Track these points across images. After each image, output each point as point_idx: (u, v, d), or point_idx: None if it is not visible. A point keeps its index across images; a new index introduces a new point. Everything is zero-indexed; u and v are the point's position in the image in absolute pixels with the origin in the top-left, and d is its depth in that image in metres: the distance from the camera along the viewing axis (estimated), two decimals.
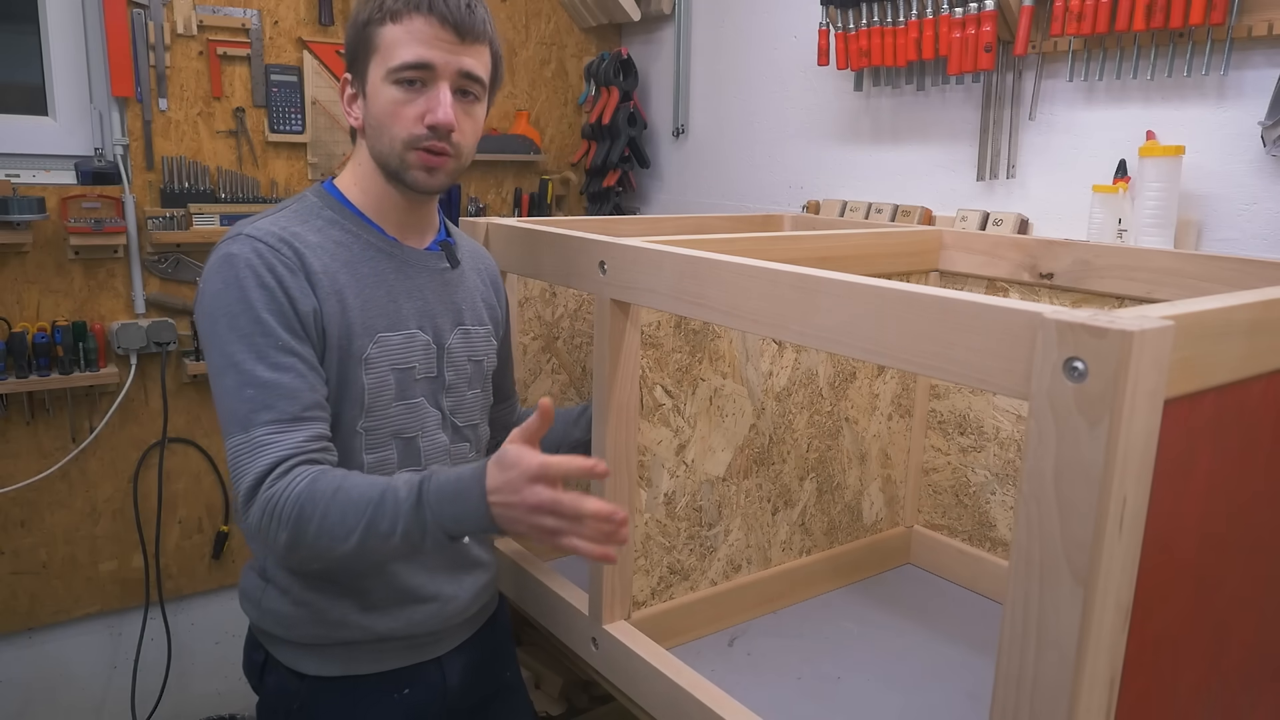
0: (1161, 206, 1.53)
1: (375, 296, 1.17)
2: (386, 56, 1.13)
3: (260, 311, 1.07)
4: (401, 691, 1.25)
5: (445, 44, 1.14)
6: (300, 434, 1.06)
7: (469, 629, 1.33)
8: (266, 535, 1.04)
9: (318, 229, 1.16)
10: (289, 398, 1.07)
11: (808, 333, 0.95)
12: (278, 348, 1.07)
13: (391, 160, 1.17)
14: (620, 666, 1.31)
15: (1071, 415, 0.69)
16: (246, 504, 1.04)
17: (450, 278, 1.28)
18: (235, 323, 1.07)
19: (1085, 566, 0.70)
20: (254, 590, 1.23)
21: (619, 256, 1.21)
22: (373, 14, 1.14)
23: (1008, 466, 1.56)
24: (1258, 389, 0.83)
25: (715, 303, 1.07)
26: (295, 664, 1.22)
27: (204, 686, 2.51)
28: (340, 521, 1.01)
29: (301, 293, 1.11)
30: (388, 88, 1.14)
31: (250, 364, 1.06)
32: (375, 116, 1.16)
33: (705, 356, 1.38)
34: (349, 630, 1.19)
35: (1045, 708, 0.74)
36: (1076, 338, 0.69)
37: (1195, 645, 0.87)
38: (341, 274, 1.15)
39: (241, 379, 1.06)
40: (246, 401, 1.06)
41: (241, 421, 1.06)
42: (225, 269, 1.10)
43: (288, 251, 1.11)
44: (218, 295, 1.09)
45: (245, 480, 1.04)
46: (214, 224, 2.25)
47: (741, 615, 1.50)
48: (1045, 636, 0.73)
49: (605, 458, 1.28)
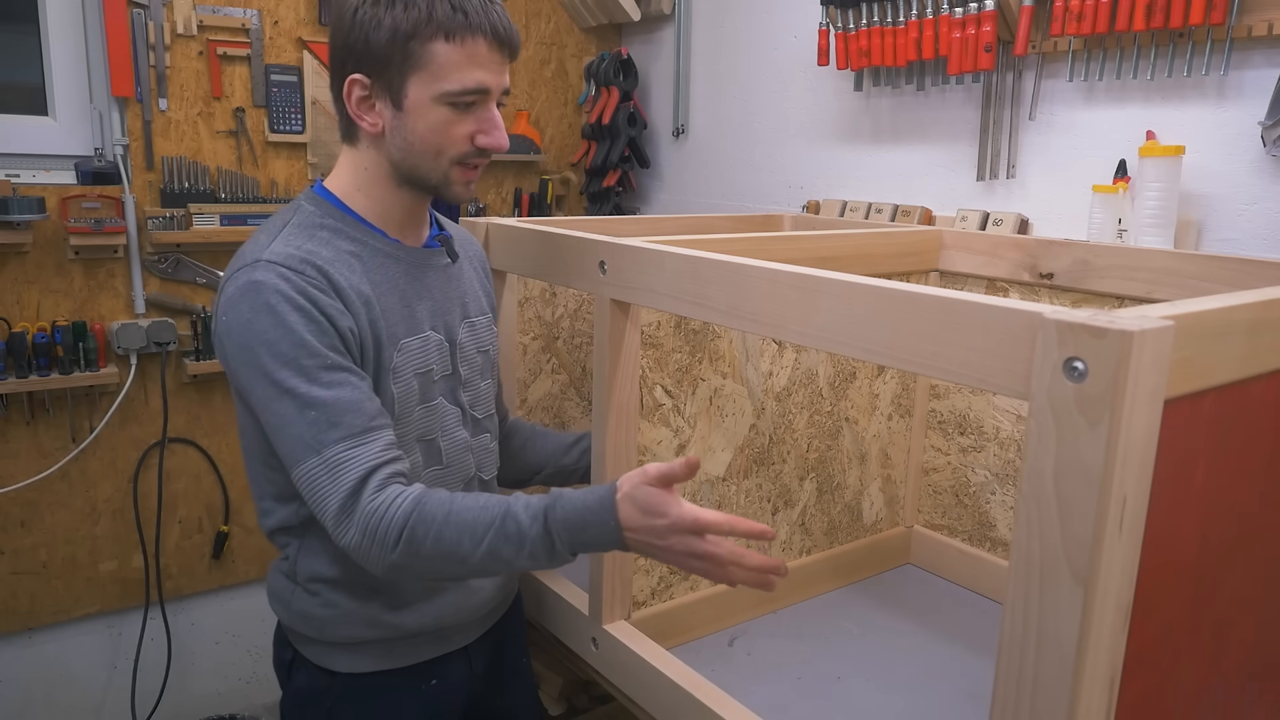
0: (1161, 206, 1.53)
1: (392, 304, 1.16)
2: (440, 77, 1.09)
3: (301, 333, 1.05)
4: (429, 682, 1.26)
5: (497, 65, 1.12)
6: (375, 444, 1.05)
7: (494, 617, 1.35)
8: (369, 557, 1.03)
9: (326, 241, 1.13)
10: (354, 411, 1.05)
11: (808, 333, 0.95)
12: (326, 367, 1.05)
13: (433, 176, 1.15)
14: (620, 666, 1.31)
15: (1071, 415, 0.69)
16: (340, 525, 1.03)
17: (452, 272, 1.27)
18: (276, 349, 1.04)
19: (1085, 566, 0.70)
20: (283, 591, 1.23)
21: (619, 256, 1.21)
22: (419, 27, 1.07)
23: (1008, 466, 1.56)
24: (1258, 389, 0.83)
25: (715, 303, 1.07)
26: (326, 662, 1.23)
27: (204, 686, 2.51)
28: (456, 545, 1.02)
29: (338, 312, 1.08)
30: (439, 108, 1.10)
31: (304, 387, 1.04)
32: (419, 134, 1.12)
33: (705, 356, 1.38)
34: (379, 628, 1.20)
35: (1045, 707, 0.74)
36: (1076, 338, 0.69)
37: (1195, 645, 0.87)
38: (363, 285, 1.13)
39: (300, 403, 1.04)
40: (311, 424, 1.03)
41: (311, 445, 1.03)
42: (252, 296, 1.06)
43: (312, 273, 1.08)
44: (249, 325, 1.05)
45: (332, 502, 1.03)
46: (214, 224, 2.25)
47: (741, 615, 1.50)
48: (1045, 636, 0.73)
49: (605, 458, 1.28)
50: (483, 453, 1.31)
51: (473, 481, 1.28)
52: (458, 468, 1.26)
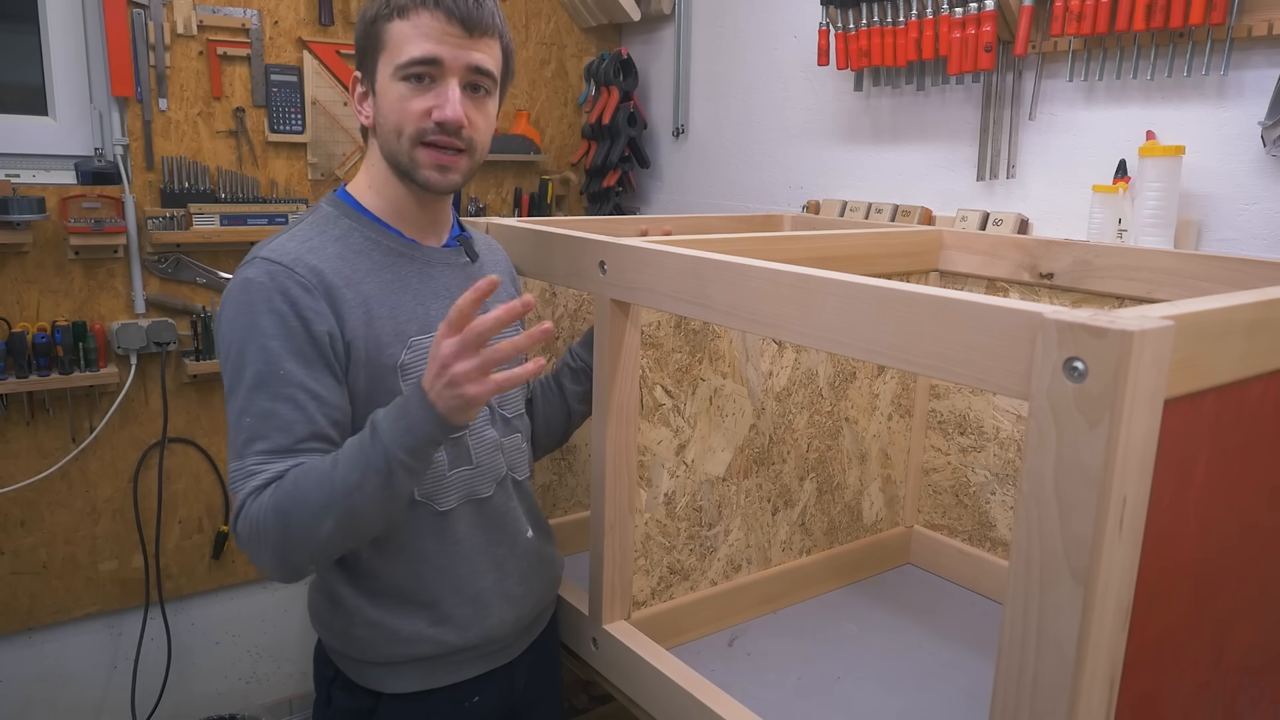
0: (1161, 206, 1.53)
1: (403, 301, 1.16)
2: (394, 53, 1.12)
3: (267, 339, 1.06)
4: (473, 699, 1.25)
5: (453, 39, 1.12)
6: (287, 463, 1.06)
7: (534, 631, 1.34)
8: (257, 550, 1.05)
9: (336, 238, 1.15)
10: (283, 430, 1.06)
11: (808, 333, 0.95)
12: (279, 377, 1.06)
13: (401, 158, 1.15)
14: (620, 666, 1.31)
15: (1071, 415, 0.69)
16: (238, 531, 1.07)
17: (472, 272, 1.27)
18: (244, 349, 1.07)
19: (1085, 567, 0.70)
20: (323, 613, 1.22)
21: (619, 256, 1.21)
22: (380, 10, 1.12)
23: (1008, 466, 1.56)
24: (1258, 389, 0.83)
25: (715, 303, 1.07)
26: (371, 683, 1.21)
27: (204, 686, 2.51)
28: (315, 495, 1.00)
29: (316, 314, 1.08)
30: (396, 84, 1.12)
31: (250, 392, 1.06)
32: (383, 113, 1.14)
33: (705, 356, 1.38)
34: (424, 645, 1.19)
35: (1045, 708, 0.74)
36: (1076, 338, 0.69)
37: (1195, 645, 0.87)
38: (367, 283, 1.14)
39: (242, 407, 1.07)
40: (244, 430, 1.07)
41: (238, 449, 1.07)
42: (240, 294, 1.09)
43: (304, 270, 1.09)
44: (232, 322, 1.09)
45: (235, 509, 1.07)
46: (214, 224, 2.25)
47: (741, 615, 1.51)
48: (1045, 637, 0.73)
49: (605, 458, 1.28)
50: (514, 452, 1.29)
51: (505, 481, 1.27)
52: (488, 467, 1.24)
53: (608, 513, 1.30)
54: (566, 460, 1.74)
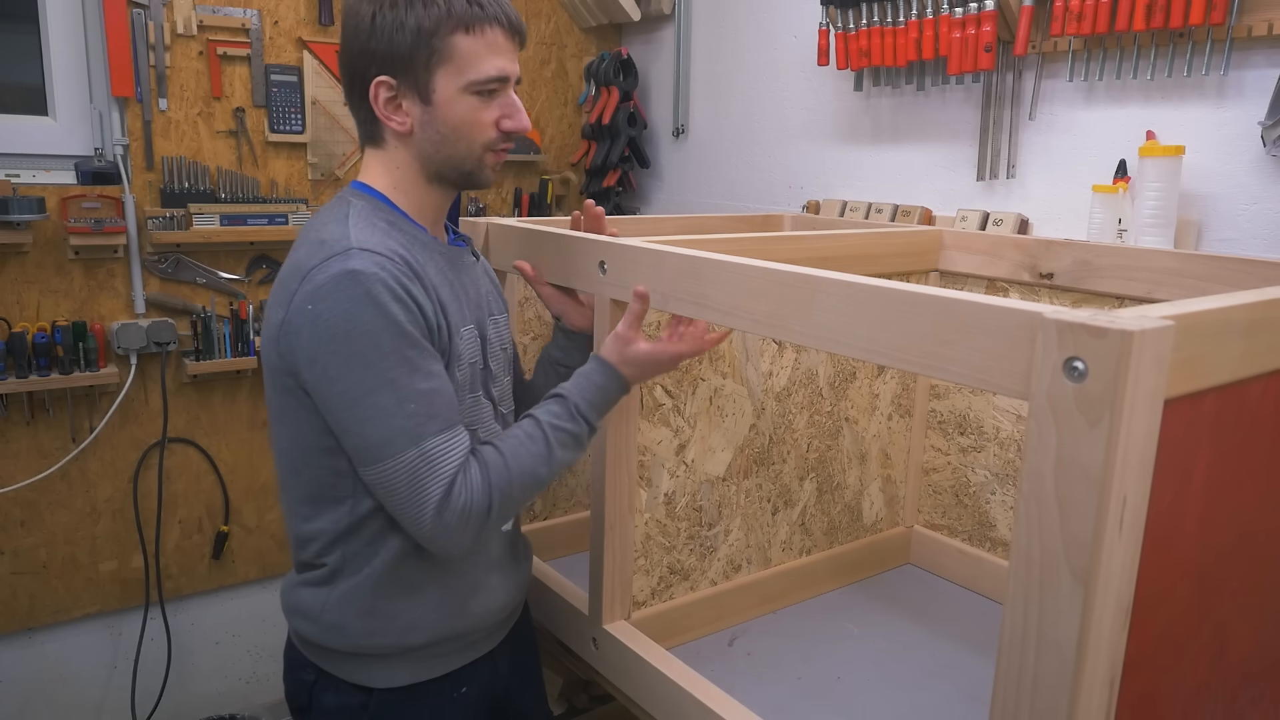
0: (1161, 206, 1.53)
1: (445, 294, 1.19)
2: (465, 68, 1.13)
3: (405, 325, 1.07)
4: (460, 690, 1.26)
5: (511, 53, 1.17)
6: (465, 437, 1.10)
7: (512, 620, 1.35)
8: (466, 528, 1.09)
9: (386, 233, 1.15)
10: (448, 405, 1.10)
11: (808, 333, 0.95)
12: (425, 357, 1.09)
13: (467, 163, 1.19)
14: (620, 666, 1.31)
15: (1071, 415, 0.69)
16: (440, 516, 1.07)
17: (476, 270, 1.30)
18: (378, 340, 1.05)
19: (1085, 566, 0.70)
20: (311, 605, 1.20)
21: (619, 256, 1.21)
22: (441, 23, 1.11)
23: (1008, 466, 1.56)
24: (1257, 389, 0.83)
25: (716, 303, 1.07)
26: (359, 678, 1.21)
27: (204, 686, 2.51)
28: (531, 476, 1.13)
29: (425, 301, 1.11)
30: (466, 97, 1.14)
31: (406, 378, 1.06)
32: (451, 125, 1.16)
33: (705, 356, 1.38)
34: (417, 635, 1.19)
35: (1045, 708, 0.74)
36: (1076, 337, 0.69)
37: (1195, 646, 0.87)
38: (428, 273, 1.16)
39: (400, 395, 1.06)
40: (410, 416, 1.06)
41: (410, 435, 1.06)
42: (350, 286, 1.05)
43: (400, 262, 1.10)
44: (349, 315, 1.05)
45: (433, 496, 1.06)
46: (214, 224, 2.25)
47: (741, 615, 1.51)
48: (1045, 636, 0.73)
49: (605, 458, 1.28)
50: None
51: None
52: None
53: (608, 513, 1.30)
54: None
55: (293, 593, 1.23)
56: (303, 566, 1.22)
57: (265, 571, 2.54)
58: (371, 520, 1.15)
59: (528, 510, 1.72)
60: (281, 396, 1.15)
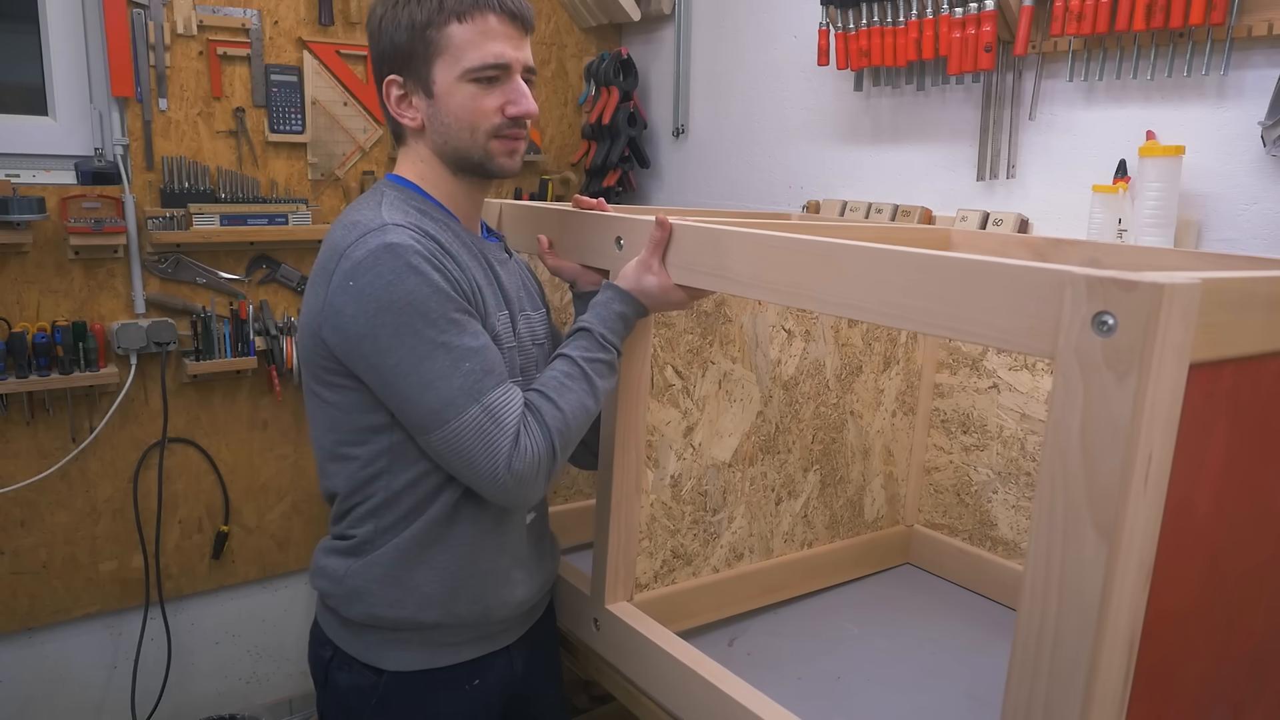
0: (1161, 206, 1.53)
1: (480, 279, 1.20)
2: (459, 57, 1.14)
3: (448, 290, 1.10)
4: (473, 682, 1.26)
5: (514, 39, 1.17)
6: (518, 390, 1.14)
7: (533, 617, 1.35)
8: (537, 480, 1.12)
9: (416, 218, 1.17)
10: (499, 360, 1.13)
11: (830, 299, 0.95)
12: (470, 319, 1.12)
13: (474, 153, 1.19)
14: (622, 647, 1.31)
15: (1099, 370, 0.69)
16: (511, 468, 1.09)
17: (510, 266, 1.31)
18: (425, 306, 1.08)
19: (1110, 520, 0.70)
20: (337, 569, 1.22)
21: (636, 231, 1.22)
22: (433, 15, 1.14)
23: (1010, 465, 1.56)
24: (1274, 366, 0.83)
25: (735, 274, 1.07)
26: (372, 658, 1.22)
27: (204, 686, 2.51)
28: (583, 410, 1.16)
29: (460, 275, 1.14)
30: (464, 85, 1.15)
31: (458, 339, 1.09)
32: (453, 114, 1.17)
33: (716, 339, 1.38)
34: (431, 612, 1.20)
35: (1066, 666, 0.74)
36: (1107, 292, 0.69)
37: (1206, 625, 0.87)
38: (461, 255, 1.17)
39: (455, 356, 1.08)
40: (467, 375, 1.08)
41: (470, 393, 1.08)
42: (391, 258, 1.08)
43: (431, 240, 1.13)
44: (393, 285, 1.07)
45: (503, 448, 1.09)
46: (214, 224, 2.25)
47: (742, 605, 1.50)
48: (1068, 590, 0.73)
49: (614, 436, 1.29)
50: None
51: None
52: None
53: (615, 491, 1.30)
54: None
55: (322, 555, 1.26)
56: (336, 535, 1.25)
57: (265, 571, 2.53)
58: (406, 496, 1.17)
59: None
60: (319, 384, 1.17)
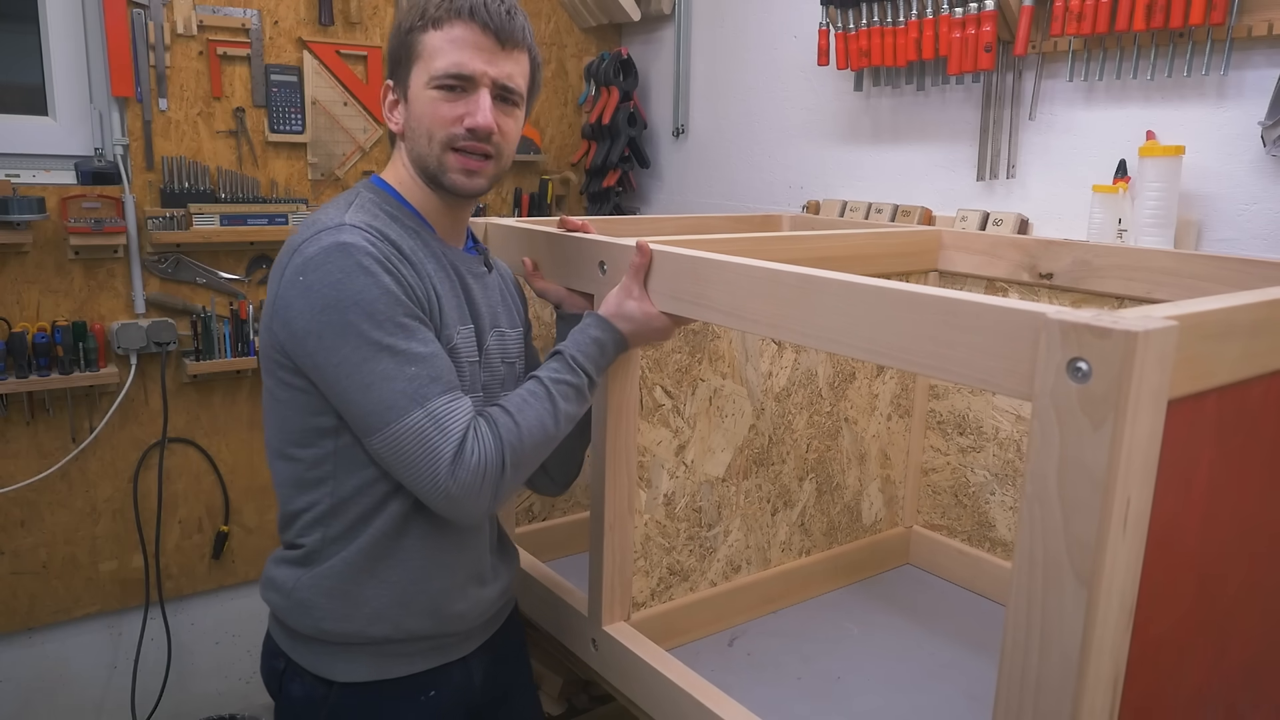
0: (1161, 206, 1.53)
1: (443, 291, 1.18)
2: (428, 62, 1.14)
3: (398, 294, 1.08)
4: (428, 694, 1.24)
5: (485, 51, 1.15)
6: (468, 401, 1.11)
7: (492, 627, 1.33)
8: (482, 492, 1.08)
9: (387, 223, 1.16)
10: (449, 370, 1.11)
11: (810, 333, 0.95)
12: (420, 323, 1.10)
13: (430, 162, 1.17)
14: (619, 668, 1.31)
15: (1075, 416, 0.69)
16: (454, 476, 1.06)
17: (487, 281, 1.29)
18: (373, 307, 1.06)
19: (1089, 568, 0.69)
20: (285, 580, 1.20)
21: (619, 257, 1.21)
22: (415, 21, 1.15)
23: (1007, 467, 1.56)
24: (1259, 389, 0.83)
25: (716, 303, 1.07)
26: (322, 669, 1.20)
27: (204, 686, 2.51)
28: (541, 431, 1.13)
29: (416, 281, 1.12)
30: (428, 92, 1.15)
31: (405, 343, 1.07)
32: (416, 119, 1.17)
33: (705, 357, 1.38)
34: (381, 626, 1.18)
35: (1049, 709, 0.74)
36: (1080, 338, 0.68)
37: (1197, 646, 0.87)
38: (426, 264, 1.16)
39: (401, 359, 1.06)
40: (413, 379, 1.06)
41: (414, 397, 1.06)
42: (341, 258, 1.07)
43: (388, 246, 1.11)
44: (341, 284, 1.06)
45: (444, 454, 1.06)
46: (214, 224, 2.25)
47: (741, 616, 1.50)
48: (1049, 637, 0.73)
49: (605, 458, 1.28)
50: None
51: None
52: None
53: (607, 513, 1.30)
54: None
55: (273, 566, 1.24)
56: (286, 545, 1.23)
57: None
58: (353, 505, 1.16)
59: (525, 511, 1.72)
60: (273, 380, 1.16)
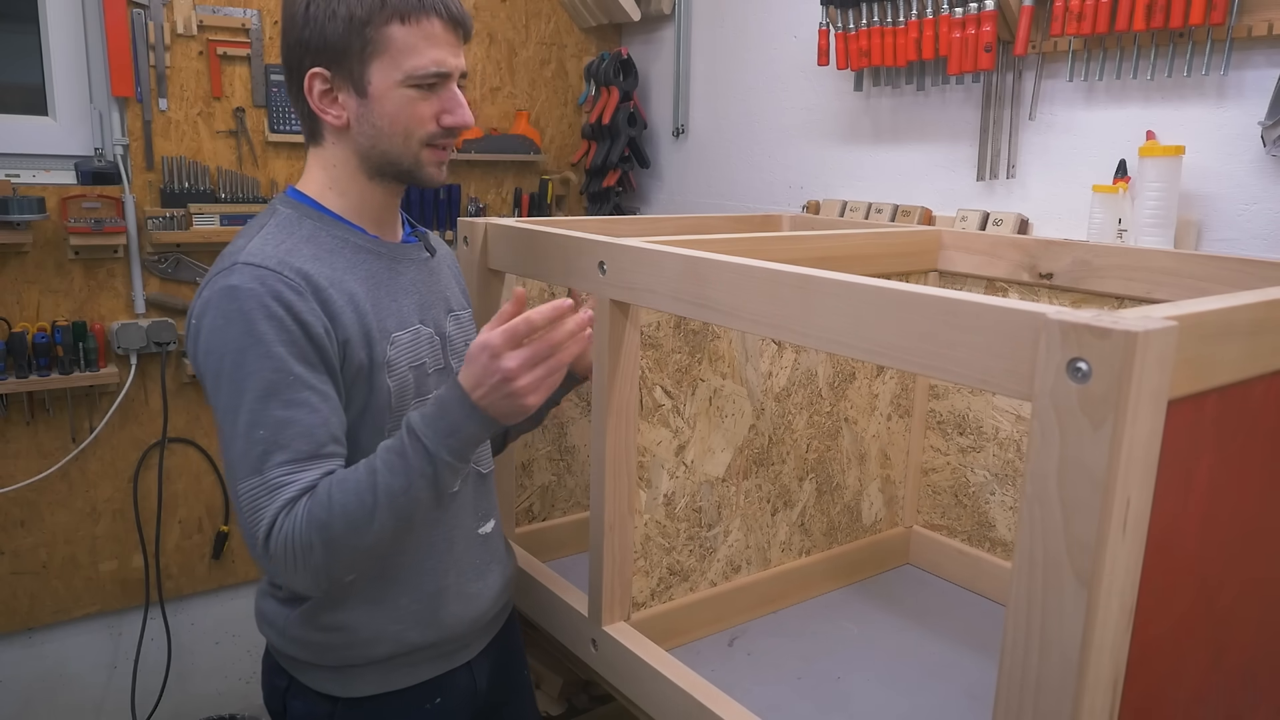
0: (1161, 206, 1.53)
1: (379, 297, 1.15)
2: (399, 59, 1.09)
3: (271, 345, 1.02)
4: (434, 701, 1.23)
5: (453, 46, 1.13)
6: (315, 471, 1.03)
7: (493, 629, 1.33)
8: (294, 568, 1.01)
9: (305, 239, 1.12)
10: (304, 436, 1.03)
11: (809, 333, 0.95)
12: (290, 383, 1.03)
13: (404, 160, 1.14)
14: (620, 668, 1.31)
15: (1075, 417, 0.69)
16: (267, 549, 1.01)
17: (432, 266, 1.26)
18: (242, 359, 1.02)
19: (1089, 568, 0.69)
20: (276, 617, 1.19)
21: (619, 257, 1.21)
22: (374, 12, 1.08)
23: (1007, 467, 1.56)
24: (1259, 389, 0.83)
25: (716, 303, 1.07)
26: (326, 688, 1.19)
27: (204, 686, 2.51)
28: (357, 505, 1.00)
29: (312, 315, 1.05)
30: (403, 90, 1.10)
31: (261, 403, 1.01)
32: (387, 118, 1.11)
33: (705, 357, 1.38)
34: (383, 646, 1.17)
35: (1049, 710, 0.74)
36: (1080, 338, 0.68)
37: (1196, 647, 0.87)
38: (347, 280, 1.12)
39: (253, 419, 1.01)
40: (258, 443, 1.01)
41: (254, 464, 1.01)
42: (225, 302, 1.03)
43: (291, 274, 1.05)
44: (219, 331, 1.03)
45: (262, 523, 1.01)
46: (214, 224, 2.25)
47: (741, 616, 1.50)
48: (1048, 638, 0.73)
49: (605, 458, 1.28)
50: (481, 447, 1.29)
51: (470, 476, 1.26)
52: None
53: (607, 514, 1.30)
54: (565, 461, 1.74)
55: (262, 600, 1.22)
56: (268, 580, 1.22)
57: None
58: None
59: (525, 511, 1.72)
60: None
